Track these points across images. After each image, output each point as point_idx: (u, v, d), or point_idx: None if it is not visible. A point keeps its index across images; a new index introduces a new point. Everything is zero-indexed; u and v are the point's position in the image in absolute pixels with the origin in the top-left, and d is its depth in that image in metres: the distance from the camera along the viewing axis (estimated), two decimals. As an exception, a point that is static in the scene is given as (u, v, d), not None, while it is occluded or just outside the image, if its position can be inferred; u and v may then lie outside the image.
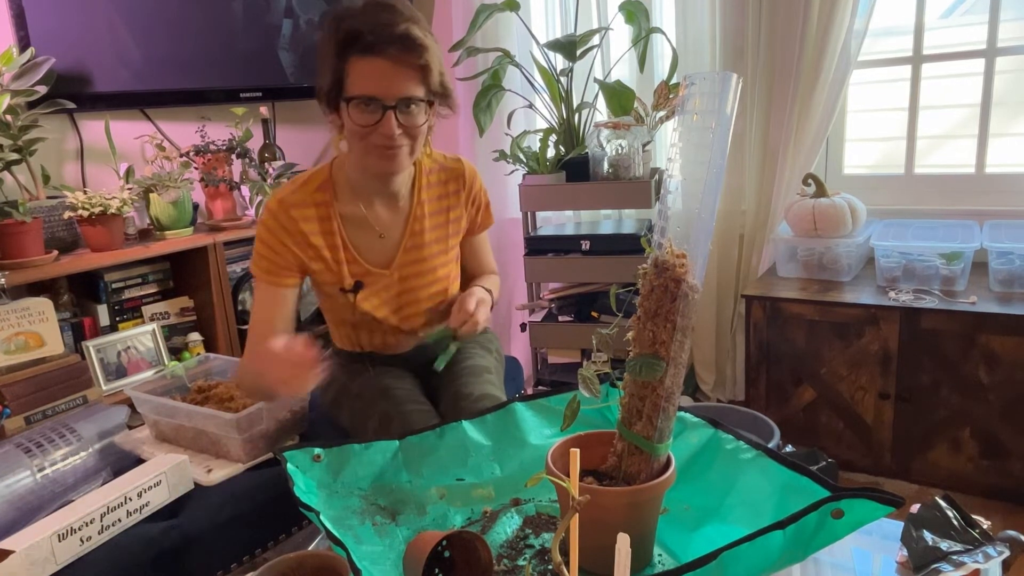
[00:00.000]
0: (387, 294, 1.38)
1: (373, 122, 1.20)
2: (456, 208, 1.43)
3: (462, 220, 1.45)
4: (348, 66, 1.18)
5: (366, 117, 1.19)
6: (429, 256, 1.40)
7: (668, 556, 0.93)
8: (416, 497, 1.06)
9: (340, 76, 1.19)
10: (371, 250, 1.36)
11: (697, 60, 2.44)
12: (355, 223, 1.35)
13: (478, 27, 2.37)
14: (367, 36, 1.14)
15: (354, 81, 1.18)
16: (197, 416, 1.37)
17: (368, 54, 1.16)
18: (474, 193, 1.45)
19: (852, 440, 2.11)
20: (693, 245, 0.84)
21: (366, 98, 1.18)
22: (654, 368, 0.86)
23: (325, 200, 1.32)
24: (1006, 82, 2.24)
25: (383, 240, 1.37)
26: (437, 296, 1.44)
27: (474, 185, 1.45)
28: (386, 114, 1.19)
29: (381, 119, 1.19)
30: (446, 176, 1.43)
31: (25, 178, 1.93)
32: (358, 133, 1.21)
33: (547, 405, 1.20)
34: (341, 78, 1.19)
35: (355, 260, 1.35)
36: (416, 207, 1.39)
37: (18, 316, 1.76)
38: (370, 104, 1.18)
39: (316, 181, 1.33)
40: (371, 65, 1.16)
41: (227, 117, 2.34)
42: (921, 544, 0.90)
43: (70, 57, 2.01)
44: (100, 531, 1.13)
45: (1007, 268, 1.98)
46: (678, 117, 0.86)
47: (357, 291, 1.35)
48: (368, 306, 1.37)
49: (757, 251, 2.48)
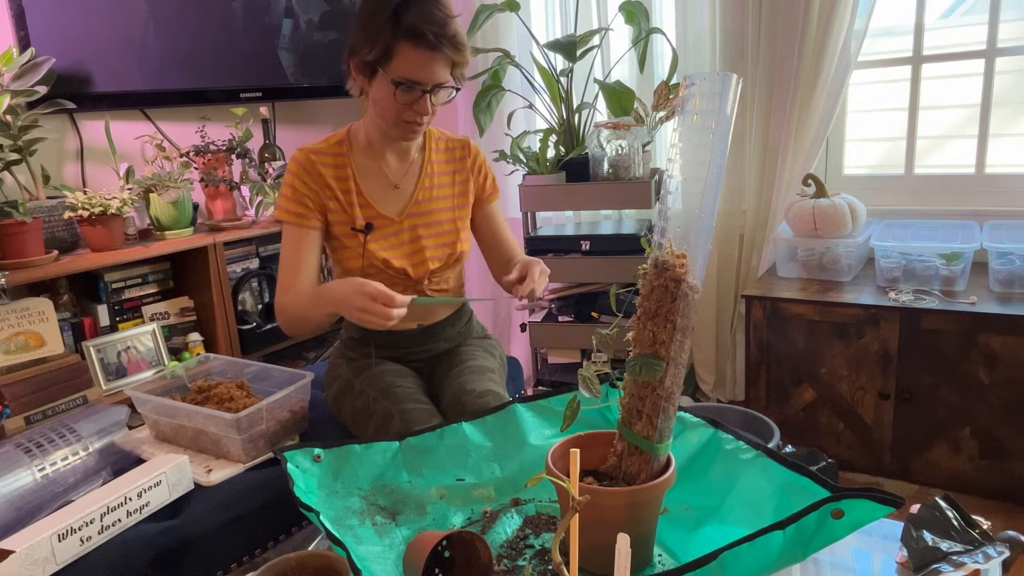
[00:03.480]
0: (396, 240, 1.46)
1: (411, 101, 1.33)
2: (462, 172, 1.54)
3: (469, 183, 1.55)
4: (398, 47, 1.28)
5: (406, 96, 1.32)
6: (437, 210, 1.50)
7: (668, 556, 0.93)
8: (416, 497, 1.06)
9: (389, 53, 1.28)
10: (384, 197, 1.47)
11: (697, 60, 2.44)
12: (369, 173, 1.45)
13: (478, 27, 2.37)
14: (427, 33, 1.26)
15: (403, 64, 1.29)
16: (197, 416, 1.37)
17: (422, 46, 1.27)
18: (479, 162, 1.56)
19: (852, 440, 2.11)
20: (693, 245, 0.84)
21: (410, 81, 1.30)
22: (654, 368, 0.86)
23: (342, 151, 1.44)
24: (1006, 82, 2.24)
25: (396, 190, 1.48)
26: (444, 248, 1.50)
27: (479, 156, 1.57)
28: (423, 96, 1.33)
29: (418, 100, 1.33)
30: (453, 144, 1.56)
31: (25, 178, 1.93)
32: (393, 107, 1.33)
33: (547, 405, 1.20)
34: (389, 55, 1.28)
35: (367, 204, 1.44)
36: (427, 164, 1.51)
37: (18, 316, 1.76)
38: (412, 87, 1.31)
39: (336, 137, 1.46)
40: (423, 56, 1.28)
41: (227, 117, 2.34)
42: (921, 544, 0.90)
43: (70, 57, 2.01)
44: (100, 531, 1.13)
45: (1007, 268, 1.98)
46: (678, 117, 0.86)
47: (368, 232, 1.43)
48: (376, 247, 1.44)
49: (757, 251, 2.48)
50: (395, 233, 1.46)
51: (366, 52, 1.30)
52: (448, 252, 1.50)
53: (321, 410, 1.56)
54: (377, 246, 1.44)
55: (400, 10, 1.27)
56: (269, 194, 2.28)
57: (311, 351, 2.60)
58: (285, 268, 1.41)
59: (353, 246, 1.44)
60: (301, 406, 1.47)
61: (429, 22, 1.27)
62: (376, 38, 1.28)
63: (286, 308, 1.40)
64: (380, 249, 1.44)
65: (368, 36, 1.30)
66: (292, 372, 1.50)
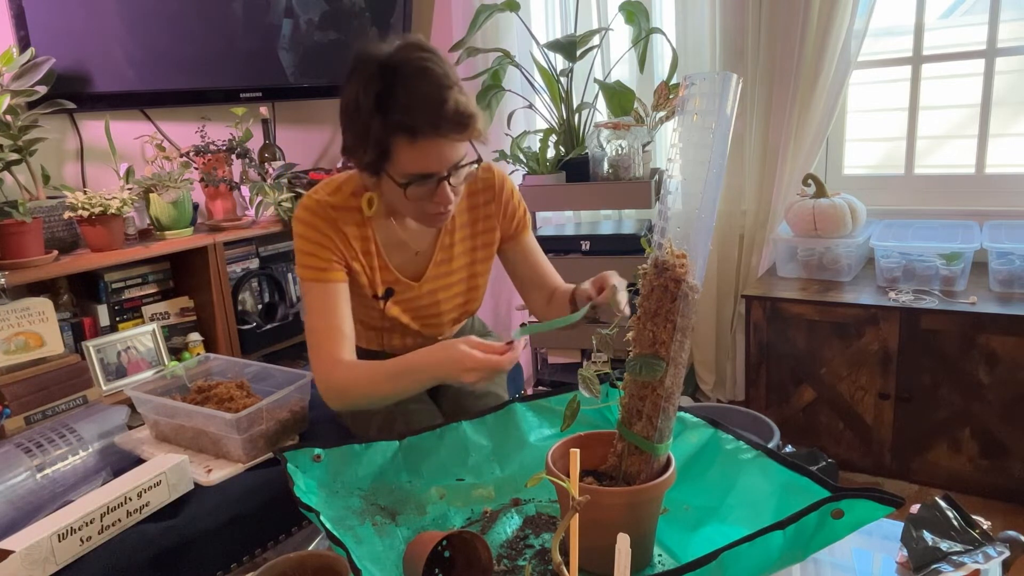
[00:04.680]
0: (415, 304, 1.36)
1: (428, 194, 1.15)
2: (487, 220, 1.38)
3: (495, 232, 1.39)
4: (394, 145, 1.10)
5: (420, 191, 1.14)
6: (456, 269, 1.38)
7: (668, 556, 0.93)
8: (416, 497, 1.06)
9: (385, 153, 1.11)
10: (404, 264, 1.33)
11: (697, 60, 2.44)
12: (389, 238, 1.31)
13: (478, 27, 2.37)
14: (422, 125, 1.07)
15: (405, 162, 1.11)
16: (197, 416, 1.37)
17: (420, 138, 1.09)
18: (505, 199, 1.38)
19: (852, 440, 2.11)
20: (693, 245, 0.84)
21: (419, 176, 1.12)
22: (654, 368, 0.86)
23: (359, 207, 1.26)
24: (1006, 82, 2.24)
25: (416, 256, 1.34)
26: (459, 309, 1.41)
27: (504, 191, 1.37)
28: (440, 184, 1.14)
29: (436, 190, 1.15)
30: (476, 188, 1.36)
31: (25, 178, 1.93)
32: (409, 205, 1.17)
33: (547, 405, 1.20)
34: (386, 155, 1.12)
35: (387, 268, 1.31)
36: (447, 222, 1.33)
37: (18, 316, 1.76)
38: (424, 180, 1.13)
39: (350, 187, 1.27)
40: (424, 147, 1.10)
41: (227, 117, 2.34)
42: (921, 544, 0.90)
43: (70, 57, 2.01)
44: (100, 531, 1.13)
45: (1007, 268, 1.98)
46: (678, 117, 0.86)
47: (388, 298, 1.32)
48: (395, 311, 1.34)
49: (757, 251, 2.48)
50: (414, 298, 1.35)
51: (360, 153, 1.13)
52: (463, 311, 1.43)
53: (321, 410, 1.55)
54: (395, 310, 1.34)
55: (384, 100, 1.07)
56: (269, 194, 2.28)
57: (311, 351, 2.59)
58: (324, 334, 1.20)
59: (371, 307, 1.33)
60: (301, 406, 1.47)
61: (421, 109, 1.07)
62: (365, 138, 1.10)
63: (349, 387, 1.17)
64: (398, 312, 1.34)
65: (356, 136, 1.12)
66: (292, 372, 1.50)
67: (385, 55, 1.09)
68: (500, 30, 2.64)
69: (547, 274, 1.44)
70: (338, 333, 1.20)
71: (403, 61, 1.08)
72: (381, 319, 1.35)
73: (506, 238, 1.41)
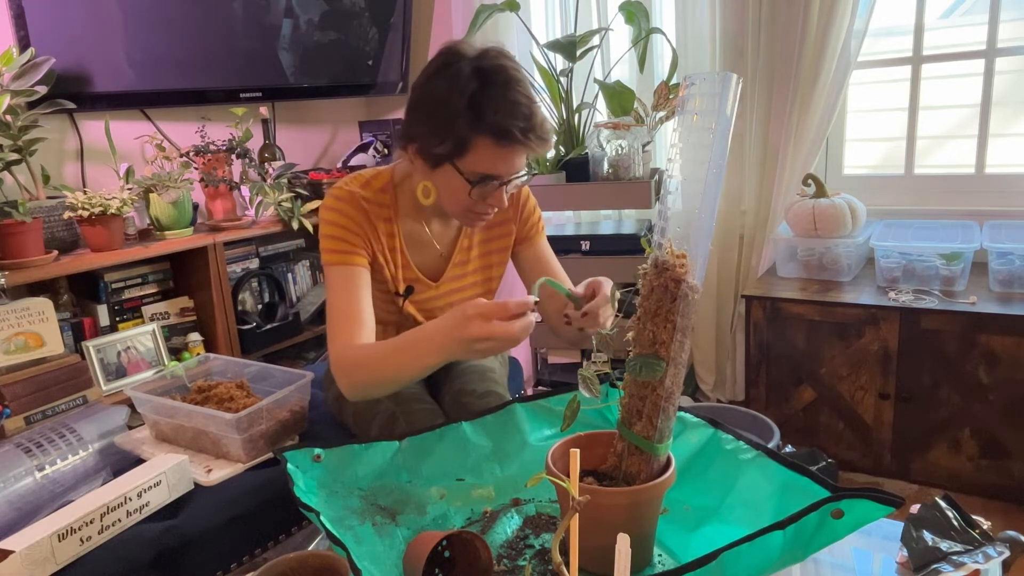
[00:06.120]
0: (429, 304, 1.38)
1: (486, 195, 1.18)
2: (505, 223, 1.40)
3: (510, 236, 1.41)
4: (477, 142, 1.12)
5: (480, 191, 1.17)
6: (472, 271, 1.40)
7: (668, 556, 0.93)
8: (416, 497, 1.06)
9: (463, 148, 1.13)
10: (425, 263, 1.36)
11: (697, 60, 2.44)
12: (414, 236, 1.33)
13: (478, 27, 2.37)
14: (513, 130, 1.10)
15: (480, 160, 1.14)
16: (197, 416, 1.37)
17: (505, 142, 1.12)
18: (521, 202, 1.40)
19: (852, 440, 2.11)
20: (693, 245, 0.84)
21: (487, 177, 1.15)
22: (654, 368, 0.86)
23: (386, 203, 1.29)
24: (1006, 82, 2.24)
25: (437, 256, 1.37)
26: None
27: (520, 197, 1.40)
28: (500, 189, 1.18)
29: (493, 193, 1.18)
30: None
31: (25, 178, 1.93)
32: (464, 201, 1.18)
33: (547, 405, 1.20)
34: (463, 150, 1.13)
35: (409, 266, 1.33)
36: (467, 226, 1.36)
37: (18, 316, 1.76)
38: (488, 181, 1.16)
39: (378, 183, 1.29)
40: (505, 151, 1.13)
41: (227, 117, 2.34)
42: (921, 544, 0.90)
43: (70, 57, 2.01)
44: (100, 531, 1.13)
45: (1007, 268, 1.98)
46: (678, 117, 0.86)
47: (408, 295, 1.34)
48: (410, 310, 1.36)
49: (757, 251, 2.48)
50: (431, 297, 1.37)
51: (434, 143, 1.14)
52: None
53: (321, 410, 1.56)
54: (411, 308, 1.36)
55: (478, 100, 1.09)
56: (269, 194, 2.28)
57: (311, 351, 2.60)
58: (342, 315, 1.20)
59: (388, 303, 1.34)
60: (301, 406, 1.47)
61: (514, 116, 1.10)
62: (448, 131, 1.11)
63: (359, 366, 1.14)
64: (413, 311, 1.36)
65: (437, 127, 1.13)
66: (292, 372, 1.50)
67: (477, 56, 1.13)
68: (500, 30, 2.64)
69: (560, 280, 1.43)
70: (358, 313, 1.20)
71: (498, 68, 1.12)
72: (396, 315, 1.37)
73: (521, 240, 1.43)
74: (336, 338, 1.19)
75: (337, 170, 2.68)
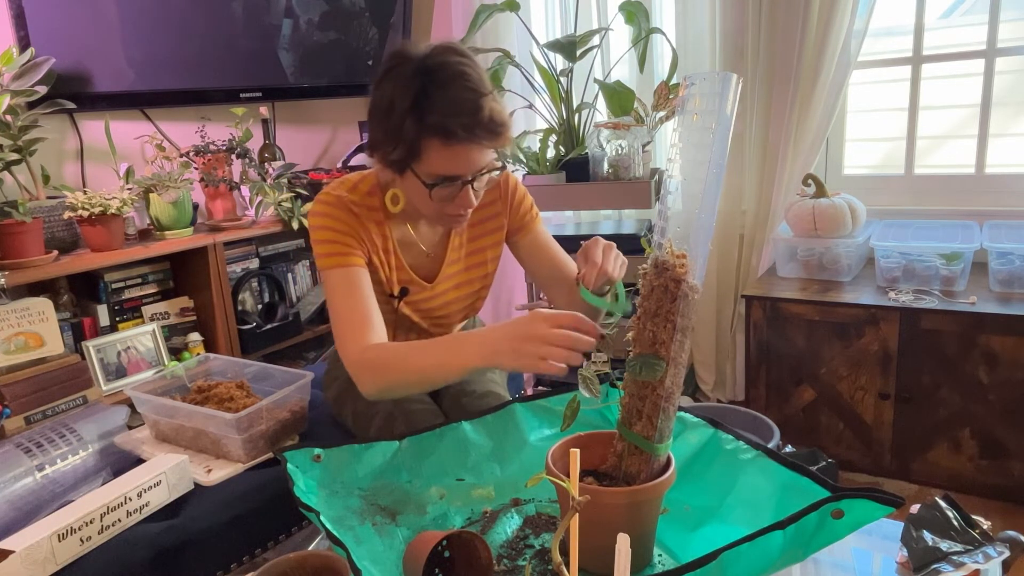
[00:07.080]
0: (425, 305, 1.37)
1: (451, 196, 1.16)
2: (496, 218, 1.38)
3: (502, 230, 1.39)
4: (425, 145, 1.10)
5: (443, 192, 1.15)
6: (467, 269, 1.39)
7: (668, 556, 0.93)
8: (416, 497, 1.06)
9: (415, 152, 1.11)
10: (417, 264, 1.34)
11: (697, 60, 2.44)
12: (404, 238, 1.32)
13: (478, 27, 2.37)
14: (456, 129, 1.08)
15: (434, 162, 1.12)
16: (197, 416, 1.37)
17: (453, 142, 1.09)
18: (510, 194, 1.39)
19: (852, 440, 2.11)
20: (693, 245, 0.84)
21: (445, 178, 1.13)
22: (654, 368, 0.86)
23: (375, 206, 1.27)
24: (1006, 82, 2.24)
25: (429, 258, 1.36)
26: (467, 309, 1.43)
27: (509, 189, 1.38)
28: (464, 188, 1.16)
29: (459, 193, 1.16)
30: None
31: (25, 178, 1.93)
32: (430, 205, 1.17)
33: (547, 405, 1.20)
34: (416, 154, 1.12)
35: (403, 267, 1.32)
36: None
37: (18, 316, 1.76)
38: (449, 182, 1.14)
39: (364, 186, 1.27)
40: (456, 151, 1.11)
41: (227, 117, 2.34)
42: (921, 544, 0.90)
43: (70, 57, 2.01)
44: (100, 531, 1.13)
45: (1007, 268, 1.98)
46: (678, 117, 0.86)
47: (402, 297, 1.33)
48: (406, 311, 1.35)
49: (757, 251, 2.48)
50: (427, 298, 1.36)
51: (389, 150, 1.13)
52: (470, 310, 1.44)
53: (321, 410, 1.56)
54: (407, 309, 1.34)
55: (420, 101, 1.07)
56: (269, 194, 2.28)
57: (311, 351, 2.60)
58: (349, 317, 1.17)
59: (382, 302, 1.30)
60: (301, 406, 1.47)
61: (457, 113, 1.07)
62: (397, 136, 1.10)
63: (388, 366, 1.11)
64: (409, 312, 1.35)
65: (387, 133, 1.12)
66: (292, 372, 1.50)
67: (422, 56, 1.10)
68: (500, 30, 2.65)
69: (565, 266, 1.41)
70: (366, 311, 1.18)
71: (441, 64, 1.09)
72: (394, 317, 1.36)
73: (516, 231, 1.40)
74: (348, 341, 1.16)
75: (337, 170, 2.68)
